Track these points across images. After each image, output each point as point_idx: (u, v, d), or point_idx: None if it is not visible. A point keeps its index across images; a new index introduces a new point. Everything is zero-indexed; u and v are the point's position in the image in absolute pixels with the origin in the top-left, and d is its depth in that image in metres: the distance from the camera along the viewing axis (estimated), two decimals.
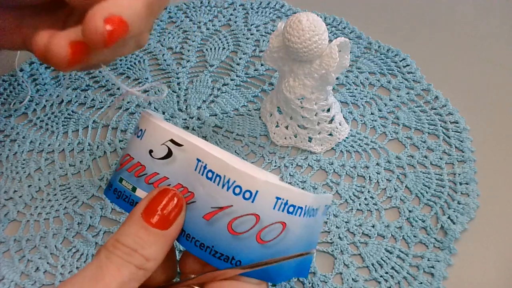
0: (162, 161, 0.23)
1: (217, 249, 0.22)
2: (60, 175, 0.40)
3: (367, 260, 0.34)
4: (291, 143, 0.40)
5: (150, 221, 0.22)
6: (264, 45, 0.49)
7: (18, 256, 0.36)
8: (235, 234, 0.22)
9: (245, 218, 0.22)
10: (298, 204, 0.22)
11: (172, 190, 0.22)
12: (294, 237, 0.23)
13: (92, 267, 0.21)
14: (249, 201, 0.22)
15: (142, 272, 0.21)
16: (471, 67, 0.46)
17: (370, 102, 0.43)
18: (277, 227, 0.22)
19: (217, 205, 0.22)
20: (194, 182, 0.22)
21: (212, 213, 0.22)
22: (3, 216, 0.38)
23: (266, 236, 0.22)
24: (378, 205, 0.37)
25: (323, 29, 0.34)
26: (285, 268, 0.23)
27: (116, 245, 0.21)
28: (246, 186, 0.22)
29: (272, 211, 0.22)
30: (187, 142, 0.23)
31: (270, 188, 0.22)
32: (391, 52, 0.47)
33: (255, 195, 0.22)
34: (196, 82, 0.46)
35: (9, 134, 0.43)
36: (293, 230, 0.22)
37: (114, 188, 0.25)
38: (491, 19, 0.50)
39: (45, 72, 0.48)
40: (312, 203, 0.23)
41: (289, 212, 0.22)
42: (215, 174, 0.22)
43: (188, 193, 0.23)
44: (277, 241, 0.22)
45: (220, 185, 0.22)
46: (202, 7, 0.53)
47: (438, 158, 0.39)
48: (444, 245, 0.34)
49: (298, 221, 0.23)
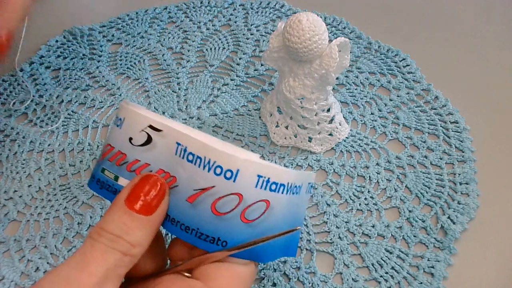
0: (142, 147, 0.23)
1: (202, 231, 0.22)
2: (60, 175, 0.40)
3: (367, 260, 0.34)
4: (291, 143, 0.40)
5: (133, 207, 0.21)
6: (264, 45, 0.49)
7: (18, 256, 0.36)
8: (219, 214, 0.22)
9: (228, 198, 0.22)
10: (280, 181, 0.22)
11: (154, 176, 0.22)
12: (279, 215, 0.23)
13: (77, 255, 0.21)
14: (231, 181, 0.22)
15: (128, 258, 0.21)
16: (471, 67, 0.46)
17: (370, 102, 0.43)
18: (260, 206, 0.22)
19: (199, 187, 0.22)
20: (175, 166, 0.22)
21: (195, 195, 0.22)
22: (3, 216, 0.38)
23: (250, 215, 0.22)
24: (378, 205, 0.37)
25: (323, 29, 0.34)
26: (272, 247, 0.23)
27: (101, 232, 0.21)
28: (227, 166, 0.21)
29: (255, 189, 0.22)
30: (166, 127, 0.23)
31: (251, 166, 0.22)
32: (391, 52, 0.47)
33: (236, 174, 0.22)
34: (196, 82, 0.46)
35: (9, 134, 0.43)
36: (277, 208, 0.23)
37: (97, 179, 0.25)
38: (491, 19, 0.50)
39: (45, 72, 0.48)
40: (294, 180, 0.23)
41: (271, 190, 0.22)
42: (196, 156, 0.22)
43: (170, 177, 0.23)
44: (261, 219, 0.22)
45: (201, 166, 0.22)
46: (202, 7, 0.53)
47: (438, 158, 0.39)
48: (444, 245, 0.34)
49: (281, 198, 0.23)
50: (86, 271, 0.20)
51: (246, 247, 0.22)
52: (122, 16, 0.53)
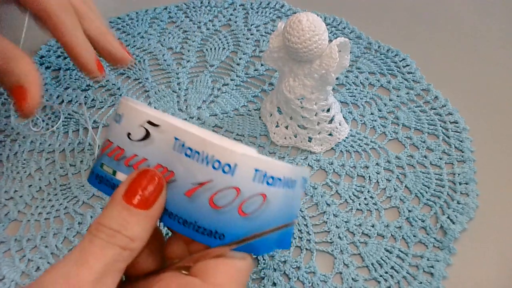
0: (140, 142, 0.23)
1: (200, 225, 0.22)
2: (60, 175, 0.40)
3: (367, 260, 0.34)
4: (291, 143, 0.40)
5: (131, 202, 0.22)
6: (264, 45, 0.49)
7: (18, 255, 0.36)
8: (217, 208, 0.22)
9: (226, 192, 0.22)
10: (276, 175, 0.23)
11: (151, 171, 0.23)
12: (275, 208, 0.23)
13: (76, 251, 0.21)
14: (229, 175, 0.22)
15: (128, 252, 0.21)
16: (471, 67, 0.46)
17: (370, 102, 0.43)
18: (257, 199, 0.22)
19: (197, 181, 0.22)
20: (173, 161, 0.23)
21: (193, 189, 0.22)
22: (4, 216, 0.38)
23: (248, 208, 0.22)
24: (378, 205, 0.37)
25: (323, 29, 0.34)
26: (268, 240, 0.23)
27: (99, 228, 0.21)
28: (225, 160, 0.22)
29: (252, 183, 0.22)
30: (164, 122, 0.23)
31: (249, 160, 0.22)
32: (391, 52, 0.47)
33: (234, 168, 0.22)
34: (196, 82, 0.46)
35: (10, 134, 0.43)
36: (273, 201, 0.23)
37: (96, 173, 0.25)
38: (491, 19, 0.50)
39: (45, 72, 0.48)
40: (290, 174, 0.23)
41: (268, 184, 0.22)
42: (194, 151, 0.22)
43: (168, 172, 0.23)
44: (258, 213, 0.22)
45: (199, 161, 0.22)
46: (202, 7, 0.53)
47: (437, 158, 0.39)
48: (443, 244, 0.34)
49: (277, 192, 0.23)
50: (85, 266, 0.20)
51: (245, 241, 0.22)
52: (122, 16, 0.53)
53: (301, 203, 0.37)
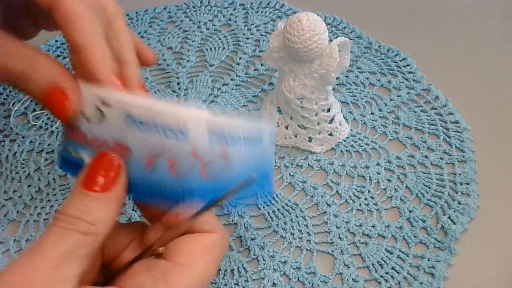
0: (97, 124, 0.24)
1: (166, 194, 0.22)
2: (59, 175, 0.40)
3: (367, 260, 0.34)
4: (291, 143, 0.40)
5: (92, 188, 0.22)
6: (264, 45, 0.49)
7: (17, 256, 0.36)
8: (179, 176, 0.22)
9: (184, 159, 0.22)
10: (234, 135, 0.23)
11: (107, 154, 0.23)
12: (241, 167, 0.23)
13: (35, 243, 0.21)
14: (183, 141, 0.22)
15: (90, 237, 0.21)
16: (471, 67, 0.46)
17: (370, 102, 0.43)
18: (219, 161, 0.22)
19: (153, 153, 0.22)
20: (128, 137, 0.23)
21: (151, 161, 0.22)
22: (3, 216, 0.38)
23: (210, 172, 0.22)
24: (379, 205, 0.37)
25: (323, 29, 0.34)
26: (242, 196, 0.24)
27: (59, 217, 0.21)
28: (177, 128, 0.22)
29: (209, 146, 0.22)
30: (113, 100, 0.23)
31: (201, 124, 0.22)
32: (391, 52, 0.47)
33: (187, 134, 0.22)
34: (196, 82, 0.46)
35: (9, 134, 0.43)
36: (237, 161, 0.23)
37: (62, 157, 0.25)
38: (491, 19, 0.50)
39: None
40: (251, 132, 0.23)
41: (228, 144, 0.22)
42: (145, 124, 0.22)
43: (126, 149, 0.23)
44: (223, 174, 0.22)
45: (151, 132, 0.22)
46: (202, 7, 0.53)
47: (438, 158, 0.39)
48: (444, 245, 0.34)
49: (240, 152, 0.23)
50: (41, 255, 0.20)
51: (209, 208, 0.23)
52: None
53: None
